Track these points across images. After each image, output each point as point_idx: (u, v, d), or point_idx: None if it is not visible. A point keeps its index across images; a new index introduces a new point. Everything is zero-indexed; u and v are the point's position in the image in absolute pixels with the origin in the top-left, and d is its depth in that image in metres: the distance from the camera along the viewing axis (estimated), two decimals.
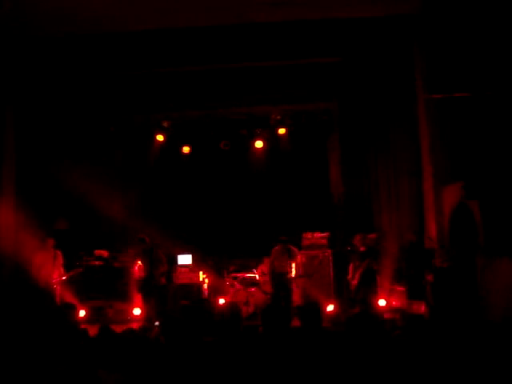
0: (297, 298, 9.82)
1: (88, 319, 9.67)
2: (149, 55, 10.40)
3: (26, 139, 10.34)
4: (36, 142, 10.51)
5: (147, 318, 9.20)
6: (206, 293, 10.46)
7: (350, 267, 9.56)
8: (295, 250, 9.69)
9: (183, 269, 10.48)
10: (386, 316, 8.86)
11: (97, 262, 10.55)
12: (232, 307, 4.22)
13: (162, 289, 9.46)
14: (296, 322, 4.48)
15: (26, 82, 10.10)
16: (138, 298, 9.86)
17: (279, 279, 9.53)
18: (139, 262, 9.54)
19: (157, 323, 8.79)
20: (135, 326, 7.69)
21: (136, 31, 9.58)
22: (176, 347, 3.42)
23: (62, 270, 9.31)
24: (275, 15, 9.14)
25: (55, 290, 9.15)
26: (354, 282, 9.39)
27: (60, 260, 9.28)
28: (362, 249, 9.43)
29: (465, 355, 3.60)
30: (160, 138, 11.91)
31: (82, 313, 9.68)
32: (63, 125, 11.12)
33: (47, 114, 10.69)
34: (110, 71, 10.84)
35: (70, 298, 9.35)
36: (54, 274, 9.12)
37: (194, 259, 10.76)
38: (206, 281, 10.56)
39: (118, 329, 4.54)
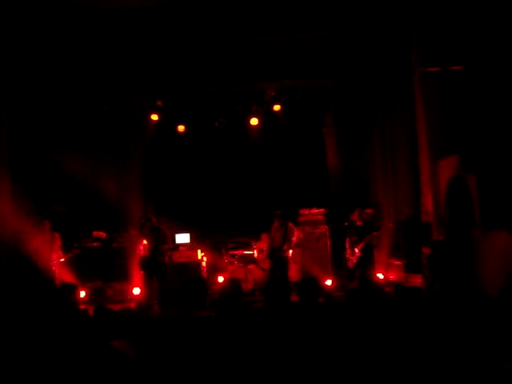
0: (294, 273, 9.88)
1: (88, 300, 9.75)
2: (142, 33, 10.29)
3: (20, 123, 10.27)
4: (30, 125, 10.45)
5: (148, 296, 9.28)
6: (205, 271, 10.51)
7: (347, 242, 9.60)
8: (292, 226, 9.73)
9: (182, 247, 10.52)
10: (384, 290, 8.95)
11: (95, 244, 10.60)
12: (233, 282, 4.25)
13: (165, 267, 9.52)
14: (294, 298, 4.53)
15: (19, 64, 10.00)
16: (137, 277, 9.90)
17: (276, 255, 9.58)
18: (144, 241, 9.56)
19: (156, 302, 8.93)
20: (133, 305, 7.76)
21: (130, 8, 9.46)
22: (175, 324, 3.45)
23: (60, 252, 9.32)
24: None
25: (54, 272, 9.16)
26: (353, 258, 9.42)
27: (58, 242, 9.28)
28: (359, 223, 9.46)
29: (461, 326, 3.64)
30: (155, 117, 11.85)
31: (83, 294, 9.77)
32: (57, 107, 11.04)
33: (41, 97, 10.60)
34: (103, 50, 10.72)
35: (69, 279, 9.40)
36: (53, 256, 9.13)
37: (192, 237, 10.80)
38: (205, 259, 10.61)
39: (118, 308, 4.57)
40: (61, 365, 3.17)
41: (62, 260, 9.30)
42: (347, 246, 9.48)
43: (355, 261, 9.21)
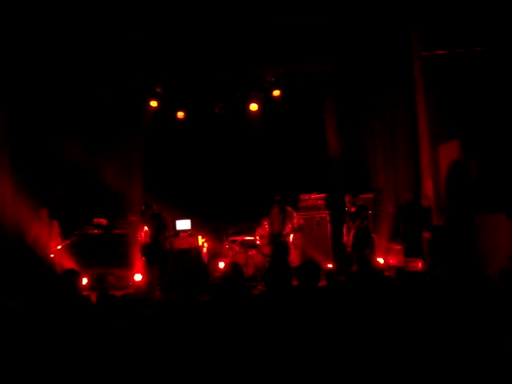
0: (295, 258, 9.91)
1: (90, 287, 9.79)
2: (140, 19, 10.22)
3: (20, 111, 10.24)
4: (30, 113, 10.42)
5: (149, 282, 9.33)
6: (206, 257, 10.55)
7: (344, 228, 9.66)
8: (291, 210, 9.75)
9: (182, 234, 10.55)
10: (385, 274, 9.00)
11: (96, 231, 10.61)
12: (234, 266, 4.26)
13: (166, 254, 9.56)
14: (295, 283, 4.54)
15: (18, 51, 9.94)
16: (138, 263, 9.94)
17: (277, 240, 9.61)
18: (145, 228, 9.58)
19: (158, 288, 8.99)
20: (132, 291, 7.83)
21: None
22: (176, 309, 3.48)
23: (59, 239, 9.33)
24: None
25: (53, 259, 9.17)
26: (349, 243, 9.49)
27: (56, 229, 9.28)
28: (352, 209, 9.51)
29: (462, 309, 3.66)
30: (154, 103, 11.80)
31: (84, 280, 9.81)
32: (56, 94, 10.99)
33: (40, 84, 10.55)
34: (102, 36, 10.66)
35: (71, 266, 9.42)
36: (51, 244, 9.13)
37: (192, 224, 10.81)
38: (205, 245, 10.64)
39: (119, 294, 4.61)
40: (65, 351, 3.19)
41: (59, 247, 9.29)
42: (344, 231, 9.55)
43: (350, 245, 9.33)
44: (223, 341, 3.17)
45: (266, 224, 10.14)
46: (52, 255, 9.16)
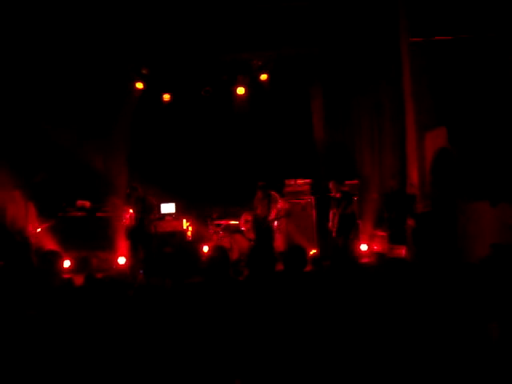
0: (280, 243, 9.93)
1: (72, 269, 9.71)
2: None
3: (2, 94, 10.05)
4: (13, 96, 10.23)
5: (133, 265, 9.28)
6: (190, 240, 10.51)
7: (330, 214, 9.67)
8: (275, 194, 9.75)
9: (167, 217, 10.49)
10: (367, 260, 9.06)
11: (79, 213, 10.51)
12: (219, 249, 4.23)
13: (151, 237, 9.51)
14: (280, 267, 4.52)
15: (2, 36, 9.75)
16: (122, 246, 9.87)
17: (261, 224, 9.61)
18: (130, 211, 9.51)
19: (141, 271, 8.95)
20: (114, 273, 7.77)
21: None
22: (160, 292, 3.45)
23: (36, 222, 9.16)
24: None
25: (31, 242, 8.99)
26: (334, 229, 9.53)
27: (33, 212, 9.10)
28: (337, 195, 9.52)
29: (441, 295, 3.68)
30: (140, 85, 11.67)
31: (67, 263, 9.72)
32: (40, 75, 10.81)
33: (24, 67, 10.37)
34: (87, 17, 10.48)
35: (54, 248, 9.31)
36: (29, 227, 8.97)
37: (177, 207, 10.76)
38: (190, 228, 10.59)
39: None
40: (45, 335, 3.16)
41: (39, 230, 9.13)
42: (330, 217, 9.58)
43: (335, 232, 9.37)
44: (206, 324, 3.16)
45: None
46: (30, 237, 8.98)
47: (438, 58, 9.15)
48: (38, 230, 9.09)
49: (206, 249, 10.23)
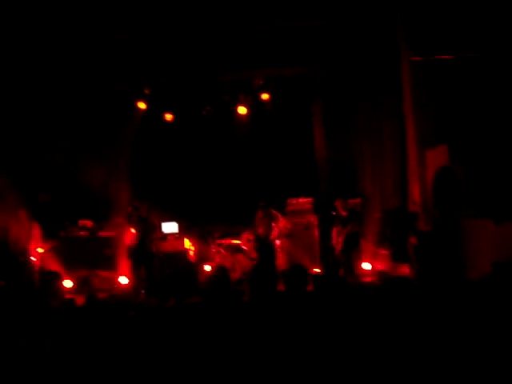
0: (282, 262, 9.89)
1: (74, 289, 9.67)
2: (129, 19, 10.18)
3: (5, 110, 10.13)
4: (15, 114, 10.31)
5: (135, 285, 9.25)
6: (192, 260, 10.47)
7: (334, 232, 9.63)
8: (276, 213, 9.73)
9: (169, 236, 10.47)
10: (370, 279, 9.01)
11: (81, 232, 10.50)
12: (220, 270, 4.22)
13: (152, 256, 9.48)
14: (281, 287, 4.50)
15: (5, 50, 9.84)
16: (124, 266, 9.85)
17: (263, 244, 9.59)
18: (132, 230, 9.49)
19: (143, 291, 8.92)
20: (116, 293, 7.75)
21: None
22: (163, 311, 3.43)
23: (39, 241, 9.14)
24: None
25: (32, 262, 8.97)
26: (338, 247, 9.47)
27: (37, 231, 9.10)
28: (343, 213, 9.49)
29: (443, 314, 3.66)
30: (142, 105, 11.73)
31: (70, 283, 9.69)
32: (44, 94, 10.90)
33: (26, 85, 10.45)
34: (90, 36, 10.59)
35: (55, 268, 9.30)
36: (31, 246, 8.96)
37: (179, 227, 10.74)
38: (192, 248, 10.56)
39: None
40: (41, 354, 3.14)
41: (41, 250, 9.10)
42: (333, 235, 9.53)
43: (339, 249, 9.31)
44: (208, 343, 3.13)
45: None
46: (32, 258, 8.96)
47: (438, 76, 9.20)
48: (40, 249, 9.08)
49: (207, 268, 10.20)
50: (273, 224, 9.56)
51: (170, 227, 10.68)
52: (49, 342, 3.16)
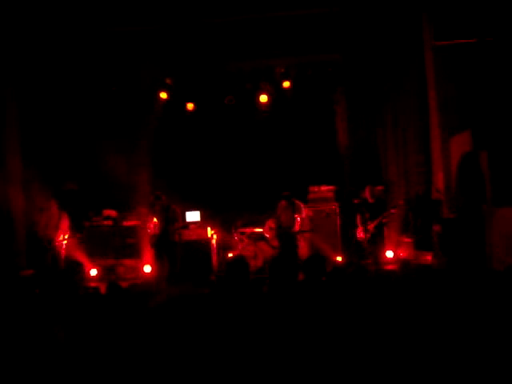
0: (304, 252, 9.88)
1: (100, 278, 9.86)
2: (151, 10, 10.22)
3: (31, 103, 10.32)
4: (40, 105, 10.48)
5: (158, 274, 9.35)
6: (215, 249, 10.55)
7: (358, 219, 9.53)
8: (300, 203, 9.71)
9: (192, 225, 10.55)
10: (393, 267, 8.95)
11: (106, 222, 10.65)
12: (238, 257, 4.23)
13: (175, 245, 9.57)
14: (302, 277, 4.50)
15: (28, 44, 9.99)
16: (148, 255, 9.97)
17: (285, 233, 9.59)
18: (155, 219, 9.58)
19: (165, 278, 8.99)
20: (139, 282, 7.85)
21: None
22: (179, 302, 3.46)
23: (67, 231, 9.30)
24: None
25: (59, 250, 9.13)
26: (364, 235, 9.36)
27: (65, 222, 9.26)
28: (371, 201, 9.39)
29: (465, 303, 3.62)
30: (164, 95, 11.79)
31: (94, 272, 9.90)
32: (67, 86, 11.05)
33: (50, 76, 10.61)
34: (112, 28, 10.66)
35: (80, 257, 9.50)
36: (57, 236, 9.12)
37: (202, 215, 10.81)
38: (215, 237, 10.63)
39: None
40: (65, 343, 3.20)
41: (65, 241, 9.23)
42: (358, 223, 9.44)
43: (369, 237, 9.19)
44: (223, 335, 3.16)
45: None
46: (60, 246, 9.14)
47: (462, 61, 9.04)
48: (65, 240, 9.20)
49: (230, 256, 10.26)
50: (296, 215, 9.53)
51: (193, 216, 10.77)
52: (63, 331, 3.22)
